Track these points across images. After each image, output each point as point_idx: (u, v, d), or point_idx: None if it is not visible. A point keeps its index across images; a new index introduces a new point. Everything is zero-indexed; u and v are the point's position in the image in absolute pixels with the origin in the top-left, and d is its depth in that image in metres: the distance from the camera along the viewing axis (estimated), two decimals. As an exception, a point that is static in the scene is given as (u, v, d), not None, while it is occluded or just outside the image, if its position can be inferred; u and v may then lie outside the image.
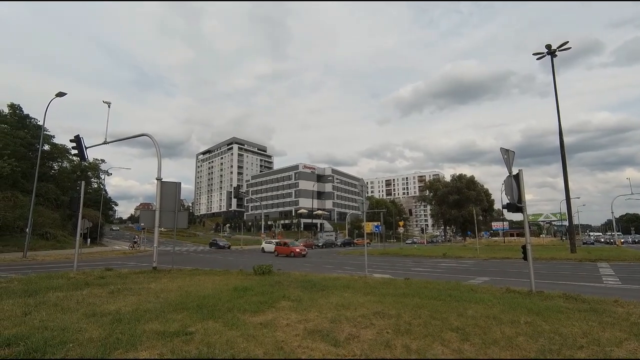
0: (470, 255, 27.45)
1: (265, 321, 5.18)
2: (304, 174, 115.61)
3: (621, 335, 4.39)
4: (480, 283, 11.41)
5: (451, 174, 77.86)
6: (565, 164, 27.14)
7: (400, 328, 4.75)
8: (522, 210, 8.18)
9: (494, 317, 5.37)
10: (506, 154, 8.42)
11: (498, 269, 17.38)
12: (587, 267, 17.55)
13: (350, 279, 10.64)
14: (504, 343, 4.09)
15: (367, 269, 13.24)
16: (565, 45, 26.03)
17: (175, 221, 12.02)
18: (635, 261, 20.22)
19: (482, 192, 75.24)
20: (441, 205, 71.83)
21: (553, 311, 5.91)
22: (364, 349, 3.94)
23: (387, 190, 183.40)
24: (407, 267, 19.04)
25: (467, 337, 4.32)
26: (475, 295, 7.60)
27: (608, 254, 25.18)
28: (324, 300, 6.87)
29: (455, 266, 19.82)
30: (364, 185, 12.48)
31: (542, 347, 3.95)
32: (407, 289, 8.61)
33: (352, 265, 20.29)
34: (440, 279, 11.71)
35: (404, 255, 29.42)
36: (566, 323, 5.06)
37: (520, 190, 8.03)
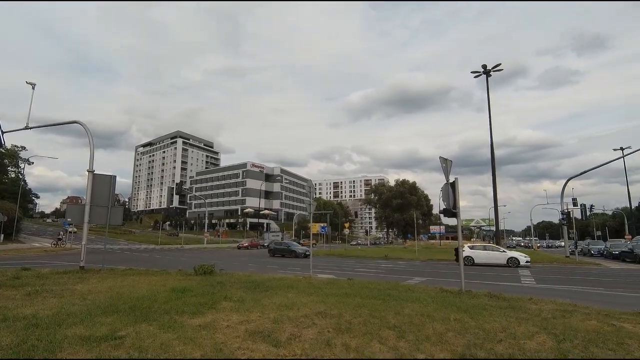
0: (409, 256, 28.90)
1: (204, 323, 5.01)
2: (252, 172, 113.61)
3: (533, 329, 4.92)
4: (417, 283, 12.07)
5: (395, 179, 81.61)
6: (494, 175, 29.76)
7: (341, 327, 4.86)
8: (457, 216, 8.81)
9: (428, 315, 5.72)
10: (444, 162, 9.02)
11: (434, 270, 18.51)
12: (510, 269, 19.34)
13: (295, 280, 10.66)
14: (435, 339, 4.37)
15: (312, 269, 13.36)
16: (499, 66, 28.56)
17: (108, 217, 11.13)
18: (548, 263, 22.74)
19: (422, 198, 79.70)
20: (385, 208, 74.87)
21: (479, 309, 6.43)
22: (304, 349, 3.97)
23: (335, 192, 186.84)
24: (350, 268, 19.53)
25: (403, 335, 4.55)
26: (412, 295, 8.03)
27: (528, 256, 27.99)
28: (267, 301, 6.81)
29: (395, 267, 20.73)
30: (312, 187, 12.60)
31: (468, 341, 4.28)
32: (350, 289, 8.84)
33: (298, 265, 20.34)
34: (381, 279, 12.20)
35: (348, 256, 30.15)
36: (489, 319, 5.54)
37: (456, 197, 8.65)
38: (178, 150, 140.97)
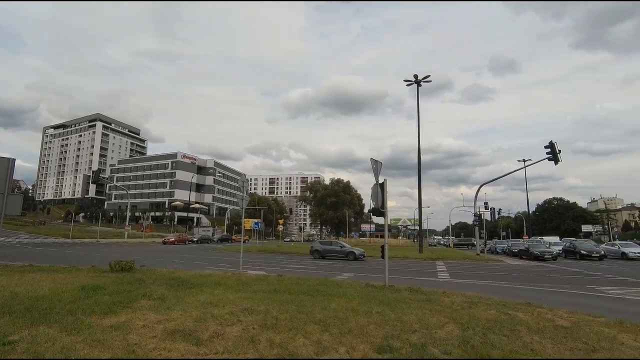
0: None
1: (117, 323, 4.61)
2: (183, 164, 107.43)
3: (444, 320, 5.39)
4: (345, 278, 12.47)
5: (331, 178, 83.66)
6: (420, 178, 32.06)
7: (267, 323, 4.83)
8: (384, 215, 9.29)
9: (353, 309, 5.95)
10: (375, 164, 9.44)
11: (362, 266, 19.32)
12: (428, 265, 21.00)
13: (224, 276, 10.34)
14: (357, 331, 4.56)
15: (242, 265, 13.07)
16: (428, 78, 30.78)
17: (3, 206, 9.66)
18: (461, 260, 25.11)
19: (355, 197, 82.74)
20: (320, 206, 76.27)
21: (399, 302, 6.87)
22: (227, 346, 3.87)
23: (271, 188, 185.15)
24: (283, 264, 19.52)
25: (327, 328, 4.67)
26: (340, 290, 8.29)
27: (444, 254, 30.65)
28: (191, 299, 6.50)
29: (327, 263, 21.19)
30: (245, 181, 12.31)
31: (387, 333, 4.55)
32: (280, 285, 8.83)
33: (228, 262, 19.76)
34: (312, 275, 12.39)
35: (281, 253, 30.09)
36: (407, 312, 5.95)
37: (384, 197, 9.12)
38: (97, 134, 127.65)
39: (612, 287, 11.96)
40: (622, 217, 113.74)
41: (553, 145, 22.86)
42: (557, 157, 22.80)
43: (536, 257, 25.78)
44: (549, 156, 23.12)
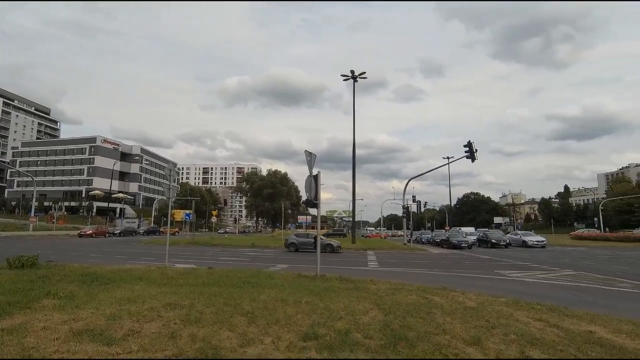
0: (276, 244, 29.69)
1: (11, 326, 4.05)
2: (104, 149, 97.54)
3: (369, 306, 5.66)
4: (279, 270, 12.46)
5: (268, 169, 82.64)
6: (354, 172, 33.16)
7: (190, 318, 4.61)
8: (317, 206, 9.42)
9: (282, 300, 5.95)
10: (309, 156, 9.50)
11: (297, 257, 19.49)
12: (360, 255, 21.91)
13: (146, 270, 9.66)
14: (285, 321, 4.58)
15: (167, 258, 12.34)
16: (364, 74, 31.76)
17: None
18: (390, 249, 26.65)
19: (292, 189, 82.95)
20: (256, 197, 75.05)
21: (329, 291, 7.05)
22: (143, 344, 3.61)
23: (204, 178, 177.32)
24: (215, 257, 18.88)
25: (255, 320, 4.61)
26: (272, 281, 8.25)
27: (375, 244, 32.25)
28: (105, 295, 5.96)
29: (261, 255, 20.99)
30: (173, 169, 11.55)
31: (314, 321, 4.63)
32: (209, 278, 8.52)
33: (154, 255, 18.53)
34: (244, 267, 12.16)
35: (213, 245, 29.06)
36: (335, 300, 6.12)
37: (317, 189, 9.24)
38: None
39: (513, 271, 13.63)
40: (524, 210, 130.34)
41: (471, 145, 25.16)
42: (474, 156, 25.15)
43: (455, 245, 28.36)
44: (467, 154, 25.41)
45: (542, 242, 31.03)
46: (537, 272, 13.37)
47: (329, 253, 22.39)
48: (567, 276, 12.11)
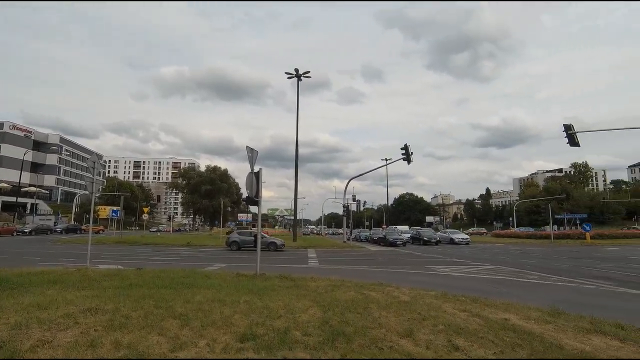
0: (214, 243, 28.61)
1: None
2: (13, 136, 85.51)
3: (309, 304, 5.67)
4: (216, 269, 12.00)
5: (207, 165, 79.05)
6: (297, 170, 33.22)
7: (114, 323, 4.21)
8: (258, 204, 9.23)
9: (219, 300, 5.71)
10: (251, 152, 9.28)
11: (237, 256, 18.95)
12: (301, 253, 22.00)
13: (63, 273, 8.68)
14: (221, 323, 4.39)
15: (90, 259, 11.21)
16: (308, 74, 31.91)
17: None
18: (330, 247, 27.16)
19: (233, 186, 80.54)
20: (193, 194, 71.51)
21: (268, 290, 6.93)
22: (55, 355, 3.20)
23: (136, 172, 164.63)
24: (145, 257, 17.61)
25: (188, 322, 4.35)
26: (208, 281, 7.90)
27: (315, 242, 32.66)
28: (10, 302, 5.22)
29: (197, 254, 20.07)
30: (97, 162, 10.47)
31: (252, 321, 4.50)
32: (137, 279, 7.90)
33: (73, 255, 16.73)
34: (179, 267, 11.50)
35: (144, 244, 27.09)
36: (275, 298, 6.04)
37: (259, 186, 9.05)
38: None
39: (442, 266, 14.69)
40: (452, 210, 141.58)
41: (407, 148, 26.59)
42: (410, 159, 26.62)
43: (391, 243, 29.81)
44: (404, 157, 26.83)
45: (467, 239, 33.98)
46: (462, 266, 14.56)
47: (272, 251, 22.18)
48: (487, 270, 13.37)
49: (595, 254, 21.14)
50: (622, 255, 20.06)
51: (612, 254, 21.11)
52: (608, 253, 21.54)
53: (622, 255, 19.61)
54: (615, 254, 20.62)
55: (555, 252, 22.53)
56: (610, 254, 20.66)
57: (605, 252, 22.52)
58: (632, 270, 13.16)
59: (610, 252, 22.02)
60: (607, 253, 21.54)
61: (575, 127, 19.76)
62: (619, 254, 20.56)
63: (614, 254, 21.07)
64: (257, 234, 24.87)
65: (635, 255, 19.54)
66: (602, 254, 21.11)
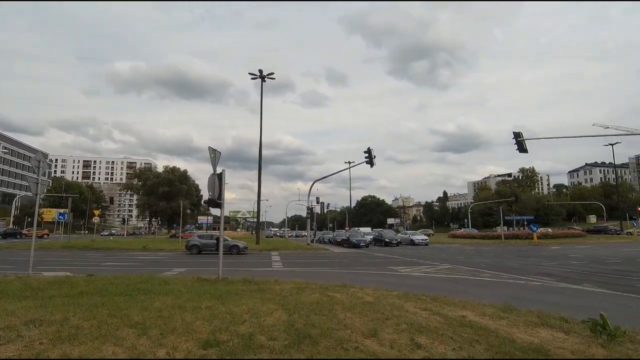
0: (172, 247, 27.48)
1: None
2: (-57, 131, 77.50)
3: (273, 307, 5.59)
4: (175, 274, 11.54)
5: (165, 166, 75.68)
6: (260, 172, 32.85)
7: (62, 335, 3.90)
8: (220, 206, 9.00)
9: (179, 307, 5.48)
10: (213, 153, 9.03)
11: (198, 260, 18.32)
12: (265, 255, 21.71)
13: (1, 281, 7.92)
14: (182, 330, 4.21)
15: (32, 266, 10.33)
16: (272, 75, 31.71)
17: None
18: (294, 250, 27.06)
19: (193, 187, 77.78)
20: (150, 195, 68.06)
21: (232, 294, 6.77)
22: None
23: (85, 172, 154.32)
24: (97, 262, 16.54)
25: (146, 331, 4.13)
26: (167, 287, 7.57)
27: (279, 244, 32.38)
28: (-63, 316, 4.66)
29: (155, 258, 19.18)
30: (43, 160, 9.69)
31: (215, 327, 4.36)
32: (88, 286, 7.40)
33: (12, 262, 15.36)
34: (135, 273, 10.90)
35: (95, 249, 25.44)
36: (239, 303, 5.90)
37: (221, 188, 8.82)
38: None
39: (403, 266, 15.12)
40: (412, 212, 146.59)
41: (370, 152, 27.22)
42: (372, 162, 27.27)
43: (354, 245, 30.24)
44: (367, 160, 27.42)
45: (426, 240, 35.31)
46: (422, 266, 15.09)
47: (235, 255, 21.68)
48: (445, 269, 13.96)
49: (541, 252, 22.80)
50: (563, 253, 21.79)
51: (554, 252, 22.86)
52: (551, 252, 23.31)
53: (563, 254, 21.30)
54: (558, 253, 22.36)
55: (506, 252, 24.00)
56: (553, 253, 22.37)
57: (549, 250, 24.36)
58: (571, 267, 14.33)
59: (553, 251, 23.84)
60: (551, 252, 23.30)
61: (523, 134, 21.24)
62: (560, 253, 22.31)
63: (557, 252, 22.84)
64: (218, 237, 24.44)
65: (573, 253, 21.29)
66: (547, 252, 22.81)
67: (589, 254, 20.53)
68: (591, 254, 20.49)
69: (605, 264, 15.58)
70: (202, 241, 23.14)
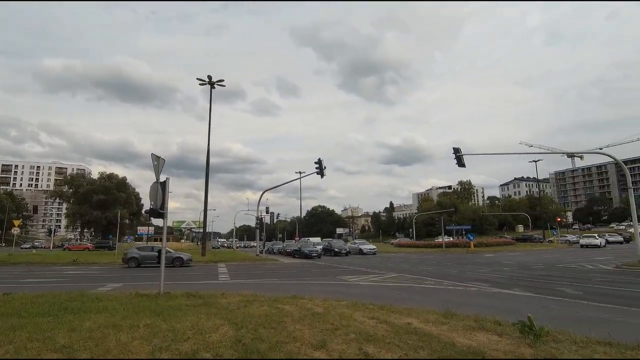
0: (107, 260, 25.35)
1: None
2: None
3: (219, 322, 5.36)
4: (109, 290, 10.65)
5: (101, 172, 69.96)
6: (207, 180, 31.70)
7: (-32, 365, 3.39)
8: (163, 217, 8.51)
9: (114, 326, 5.04)
10: (157, 160, 8.55)
11: (136, 274, 17.05)
12: (211, 268, 20.81)
13: None
14: (117, 351, 3.87)
15: None
16: (222, 82, 31.02)
17: None
18: (242, 261, 26.29)
19: (133, 195, 72.75)
20: (82, 204, 62.36)
21: (174, 310, 6.37)
22: None
23: (4, 178, 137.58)
24: (15, 279, 14.74)
25: (74, 355, 3.73)
26: (100, 304, 6.94)
27: (226, 256, 31.27)
28: None
29: (86, 273, 17.55)
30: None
31: (155, 346, 4.07)
32: (4, 307, 6.55)
33: None
34: (62, 290, 9.84)
35: (14, 264, 22.65)
36: (182, 319, 5.57)
37: (165, 197, 8.35)
38: None
39: (352, 275, 15.37)
40: (361, 222, 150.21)
41: (320, 162, 27.56)
42: (323, 172, 27.62)
43: (306, 255, 29.99)
44: (317, 170, 27.71)
45: (374, 249, 36.31)
46: (370, 275, 15.45)
47: (178, 267, 20.53)
48: (392, 278, 14.43)
49: (477, 260, 24.52)
50: (496, 260, 23.64)
51: (488, 259, 24.72)
52: (486, 259, 25.17)
53: (496, 261, 23.10)
54: (491, 260, 24.20)
55: (447, 260, 25.46)
56: (487, 260, 24.17)
57: (484, 258, 26.29)
58: (503, 273, 15.58)
59: (487, 258, 25.77)
60: (485, 259, 25.16)
61: (461, 150, 22.89)
62: (493, 260, 24.18)
63: (490, 259, 24.72)
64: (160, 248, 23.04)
65: (505, 260, 23.20)
66: (482, 259, 24.59)
67: (518, 261, 22.48)
68: (520, 261, 22.45)
69: (531, 269, 17.15)
70: (142, 253, 21.66)
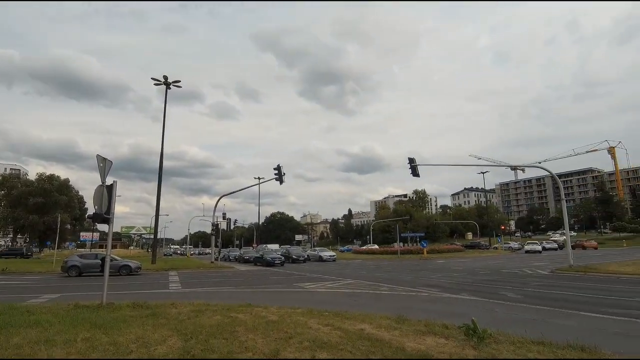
0: (43, 269, 23.23)
1: None
2: None
3: (167, 333, 5.09)
4: (45, 302, 9.75)
5: (39, 173, 64.21)
6: (160, 184, 30.35)
7: None
8: (109, 222, 7.98)
9: (47, 341, 4.62)
10: (102, 162, 8.03)
11: (76, 284, 15.75)
12: (161, 276, 19.77)
13: None
14: (48, 369, 3.53)
15: None
16: (179, 82, 29.98)
17: None
18: (195, 269, 25.28)
19: (76, 199, 67.41)
20: (16, 207, 56.70)
21: (118, 321, 5.96)
22: None
23: None
24: None
25: (-4, 375, 3.36)
26: (31, 318, 6.32)
27: (179, 263, 29.93)
28: None
29: (17, 284, 15.96)
30: None
31: (93, 362, 3.77)
32: None
33: None
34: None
35: None
36: (126, 331, 5.22)
37: (111, 201, 7.85)
38: None
39: (309, 282, 15.33)
40: (320, 229, 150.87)
41: (279, 169, 27.42)
42: (282, 178, 27.49)
43: (269, 263, 28.69)
44: (276, 177, 27.53)
45: (333, 256, 36.54)
46: (327, 282, 15.51)
47: (125, 276, 19.28)
48: (348, 284, 14.59)
49: (429, 266, 25.52)
50: (447, 266, 24.76)
51: (440, 265, 25.84)
52: (437, 265, 26.29)
53: (447, 267, 24.20)
54: (442, 266, 25.32)
55: (402, 266, 26.25)
56: (439, 266, 25.25)
57: (436, 264, 27.43)
58: (452, 279, 16.33)
59: (439, 264, 26.92)
60: (437, 265, 26.28)
61: (416, 160, 23.86)
62: (444, 266, 25.31)
63: (441, 265, 25.85)
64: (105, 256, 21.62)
65: (455, 266, 24.37)
66: (434, 266, 25.64)
67: (466, 267, 23.71)
68: (468, 267, 23.69)
69: (478, 275, 18.16)
70: (84, 261, 20.21)
